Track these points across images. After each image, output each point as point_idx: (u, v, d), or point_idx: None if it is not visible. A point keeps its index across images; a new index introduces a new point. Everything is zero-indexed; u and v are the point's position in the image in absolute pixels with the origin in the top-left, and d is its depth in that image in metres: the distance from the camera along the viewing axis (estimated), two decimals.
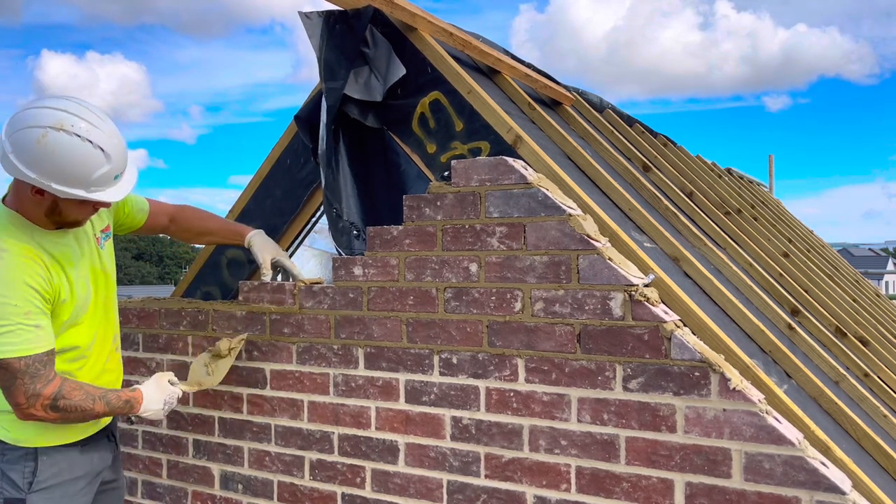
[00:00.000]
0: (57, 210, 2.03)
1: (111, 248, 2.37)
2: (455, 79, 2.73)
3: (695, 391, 1.96)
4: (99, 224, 2.31)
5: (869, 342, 4.31)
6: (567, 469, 2.14)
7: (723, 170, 7.03)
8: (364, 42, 2.81)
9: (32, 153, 1.89)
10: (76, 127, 1.91)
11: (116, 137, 1.99)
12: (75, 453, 2.20)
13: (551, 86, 3.89)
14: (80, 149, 1.91)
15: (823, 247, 9.49)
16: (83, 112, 1.94)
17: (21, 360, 1.94)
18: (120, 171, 2.03)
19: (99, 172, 1.96)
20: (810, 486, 1.82)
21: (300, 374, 2.58)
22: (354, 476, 2.49)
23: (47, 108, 1.91)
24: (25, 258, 2.00)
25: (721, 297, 2.72)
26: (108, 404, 2.13)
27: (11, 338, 1.93)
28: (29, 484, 2.10)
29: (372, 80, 2.80)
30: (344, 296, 2.50)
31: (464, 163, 2.31)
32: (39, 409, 2.00)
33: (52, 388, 2.00)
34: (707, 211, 4.21)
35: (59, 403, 2.02)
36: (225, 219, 2.85)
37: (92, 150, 1.93)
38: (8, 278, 1.95)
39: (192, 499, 2.84)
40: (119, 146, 2.00)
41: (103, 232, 2.32)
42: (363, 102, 2.81)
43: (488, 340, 2.26)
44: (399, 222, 2.42)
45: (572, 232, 2.14)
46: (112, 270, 2.34)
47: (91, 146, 1.92)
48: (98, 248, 2.27)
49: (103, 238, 2.31)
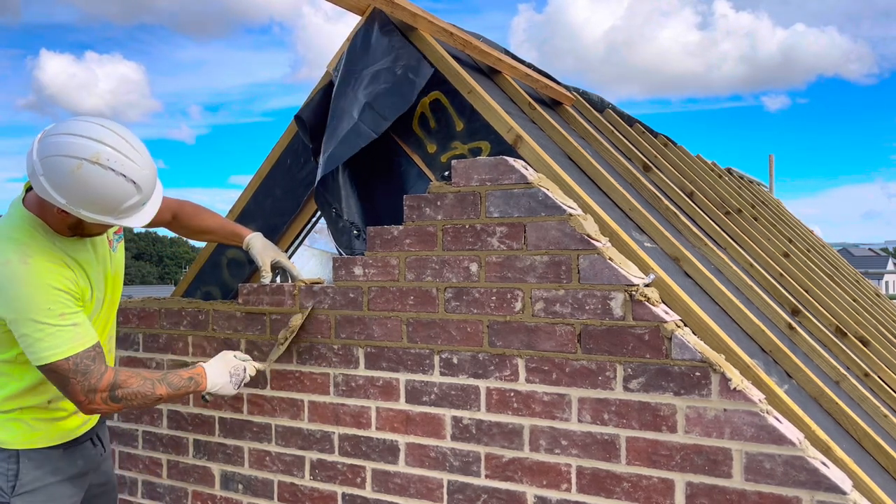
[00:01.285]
0: (80, 227, 2.06)
1: (122, 249, 2.38)
2: (455, 79, 2.73)
3: (695, 391, 1.96)
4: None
5: (869, 342, 4.31)
6: (567, 469, 2.14)
7: (723, 170, 7.03)
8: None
9: (66, 182, 1.89)
10: (111, 161, 1.90)
11: (149, 168, 2.00)
12: (58, 456, 2.18)
13: (552, 86, 3.89)
14: (114, 182, 1.91)
15: (823, 247, 9.49)
16: (120, 144, 1.93)
17: (69, 360, 1.96)
18: (148, 199, 2.05)
19: (129, 203, 1.97)
20: (811, 486, 1.82)
21: (300, 374, 2.58)
22: (355, 476, 2.49)
23: (84, 139, 1.89)
24: (51, 263, 2.01)
25: (721, 297, 2.72)
26: (170, 385, 2.15)
27: (52, 340, 1.95)
28: (12, 487, 2.10)
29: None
30: (344, 296, 2.50)
31: (464, 163, 2.30)
32: (100, 403, 2.02)
33: (107, 380, 2.02)
34: (707, 211, 4.21)
35: (118, 393, 2.04)
36: (225, 218, 2.84)
37: (125, 184, 1.93)
38: (36, 284, 1.96)
39: (192, 499, 2.84)
40: (150, 176, 2.01)
41: (116, 234, 2.33)
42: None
43: (489, 340, 2.26)
44: (399, 222, 2.42)
45: (573, 232, 2.14)
46: (121, 272, 2.35)
47: (125, 180, 1.92)
48: (111, 250, 2.28)
49: (116, 240, 2.32)
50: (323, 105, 2.95)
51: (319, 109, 2.97)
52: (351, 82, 2.83)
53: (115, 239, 2.32)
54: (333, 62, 3.01)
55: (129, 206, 1.98)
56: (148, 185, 2.01)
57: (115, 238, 2.31)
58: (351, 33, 2.96)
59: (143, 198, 2.00)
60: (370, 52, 2.85)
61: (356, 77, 2.83)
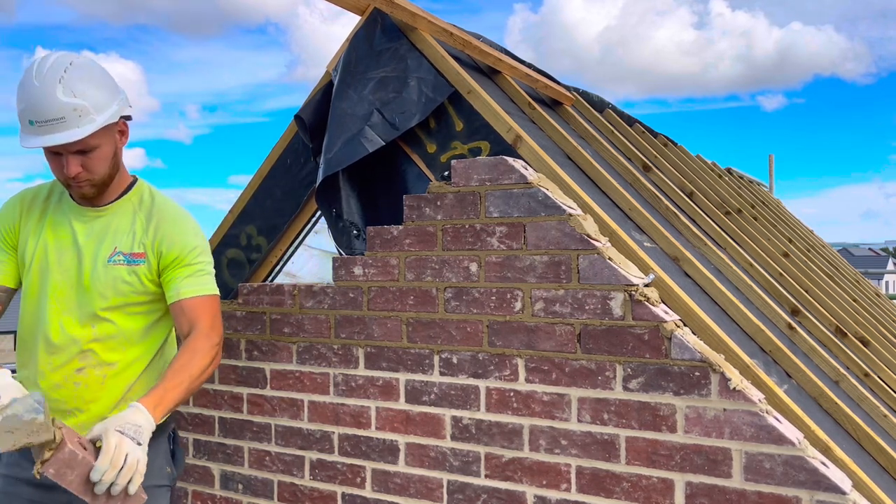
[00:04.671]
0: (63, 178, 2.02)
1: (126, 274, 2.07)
2: (455, 78, 2.73)
3: (695, 391, 1.96)
4: (126, 243, 2.08)
5: (869, 342, 4.31)
6: (567, 469, 2.14)
7: (723, 170, 7.03)
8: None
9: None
10: (35, 63, 1.92)
11: (43, 83, 1.88)
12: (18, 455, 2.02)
13: (551, 85, 3.89)
14: (21, 80, 1.93)
15: (823, 247, 9.49)
16: (55, 55, 1.95)
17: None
18: (35, 120, 1.89)
19: (19, 108, 1.93)
20: (810, 485, 1.82)
21: (300, 373, 2.58)
22: (354, 476, 2.49)
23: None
24: (18, 197, 2.12)
25: (721, 297, 2.72)
26: None
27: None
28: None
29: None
30: (344, 296, 2.50)
31: (464, 162, 2.31)
32: None
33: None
34: (707, 211, 4.21)
35: None
36: (176, 373, 2.06)
37: (24, 80, 1.92)
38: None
39: (192, 499, 2.84)
40: (39, 90, 1.88)
41: (134, 256, 2.08)
42: None
43: (488, 340, 2.26)
44: (399, 222, 2.42)
45: (572, 232, 2.14)
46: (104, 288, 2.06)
47: (22, 79, 1.93)
48: (106, 259, 2.06)
49: (125, 258, 2.07)
50: (323, 105, 2.95)
51: (320, 109, 2.97)
52: (353, 84, 2.83)
53: (125, 258, 2.08)
54: (333, 62, 3.01)
55: (21, 115, 1.92)
56: (30, 97, 1.89)
57: (124, 257, 2.08)
58: (350, 33, 2.96)
59: (25, 108, 1.90)
60: (374, 55, 2.85)
61: (359, 79, 2.83)
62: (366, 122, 2.73)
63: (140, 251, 2.09)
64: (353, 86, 2.83)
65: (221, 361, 2.71)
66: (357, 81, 2.83)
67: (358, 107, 2.77)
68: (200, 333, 2.01)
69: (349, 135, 2.74)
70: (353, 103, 2.79)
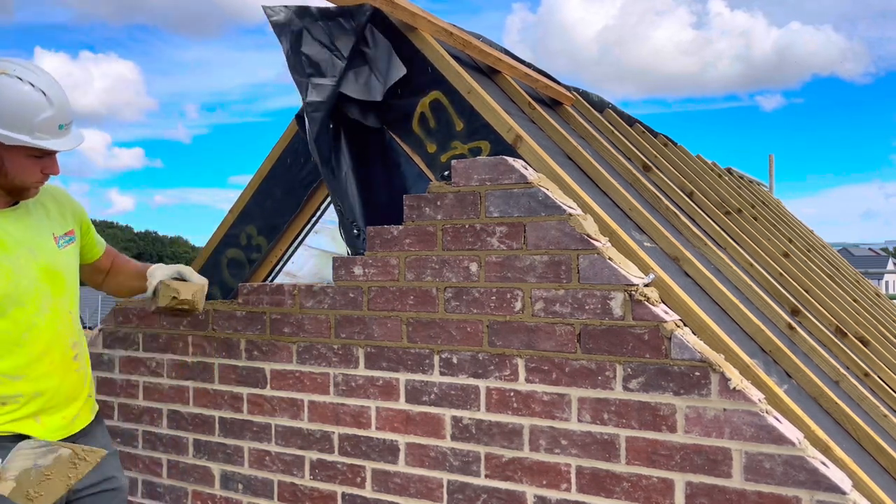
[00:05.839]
0: (3, 170, 1.99)
1: (75, 254, 2.25)
2: (455, 78, 2.73)
3: (695, 391, 1.96)
4: (61, 224, 2.22)
5: (869, 342, 4.31)
6: (567, 469, 2.14)
7: (723, 169, 7.03)
8: (364, 41, 2.80)
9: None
10: (17, 71, 1.94)
11: (58, 87, 2.01)
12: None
13: (551, 85, 3.89)
14: (21, 89, 1.93)
15: (823, 247, 9.49)
16: (23, 62, 1.99)
17: None
18: (64, 122, 2.01)
19: (42, 116, 1.95)
20: (810, 485, 1.82)
21: (300, 373, 2.58)
22: (355, 476, 2.49)
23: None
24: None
25: (721, 297, 2.72)
26: None
27: None
28: None
29: (372, 80, 2.80)
30: (344, 295, 2.50)
31: (464, 162, 2.31)
32: None
33: None
34: (707, 211, 4.21)
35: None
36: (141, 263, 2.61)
37: (32, 92, 1.94)
38: None
39: (192, 498, 2.84)
40: (61, 94, 2.00)
41: (67, 235, 2.22)
42: (364, 102, 2.81)
43: (488, 340, 2.26)
44: (399, 222, 2.42)
45: (572, 231, 2.14)
46: (68, 275, 2.19)
47: (32, 88, 1.94)
48: (56, 246, 2.17)
49: (65, 240, 2.21)
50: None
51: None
52: None
53: (65, 239, 2.21)
54: None
55: (42, 121, 1.94)
56: (59, 101, 1.98)
57: (64, 238, 2.21)
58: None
59: (56, 115, 1.97)
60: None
61: None
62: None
63: (70, 229, 2.27)
64: None
65: (222, 361, 2.75)
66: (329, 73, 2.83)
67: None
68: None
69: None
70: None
